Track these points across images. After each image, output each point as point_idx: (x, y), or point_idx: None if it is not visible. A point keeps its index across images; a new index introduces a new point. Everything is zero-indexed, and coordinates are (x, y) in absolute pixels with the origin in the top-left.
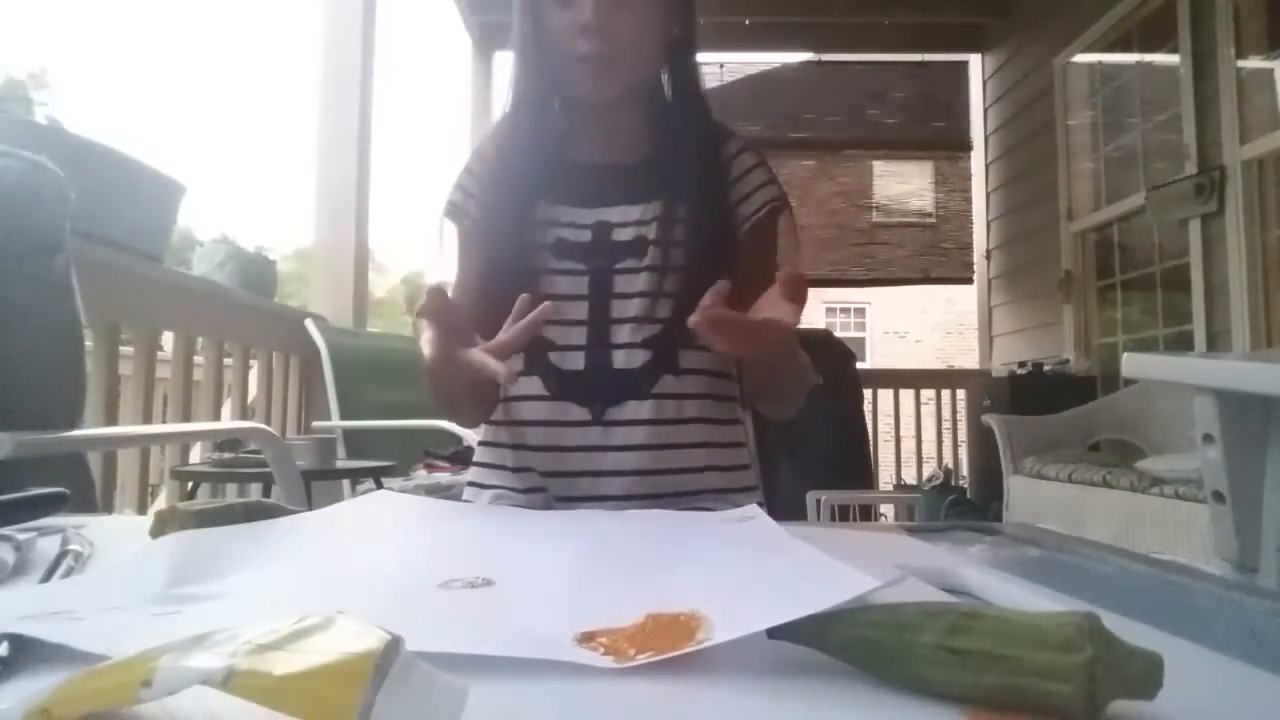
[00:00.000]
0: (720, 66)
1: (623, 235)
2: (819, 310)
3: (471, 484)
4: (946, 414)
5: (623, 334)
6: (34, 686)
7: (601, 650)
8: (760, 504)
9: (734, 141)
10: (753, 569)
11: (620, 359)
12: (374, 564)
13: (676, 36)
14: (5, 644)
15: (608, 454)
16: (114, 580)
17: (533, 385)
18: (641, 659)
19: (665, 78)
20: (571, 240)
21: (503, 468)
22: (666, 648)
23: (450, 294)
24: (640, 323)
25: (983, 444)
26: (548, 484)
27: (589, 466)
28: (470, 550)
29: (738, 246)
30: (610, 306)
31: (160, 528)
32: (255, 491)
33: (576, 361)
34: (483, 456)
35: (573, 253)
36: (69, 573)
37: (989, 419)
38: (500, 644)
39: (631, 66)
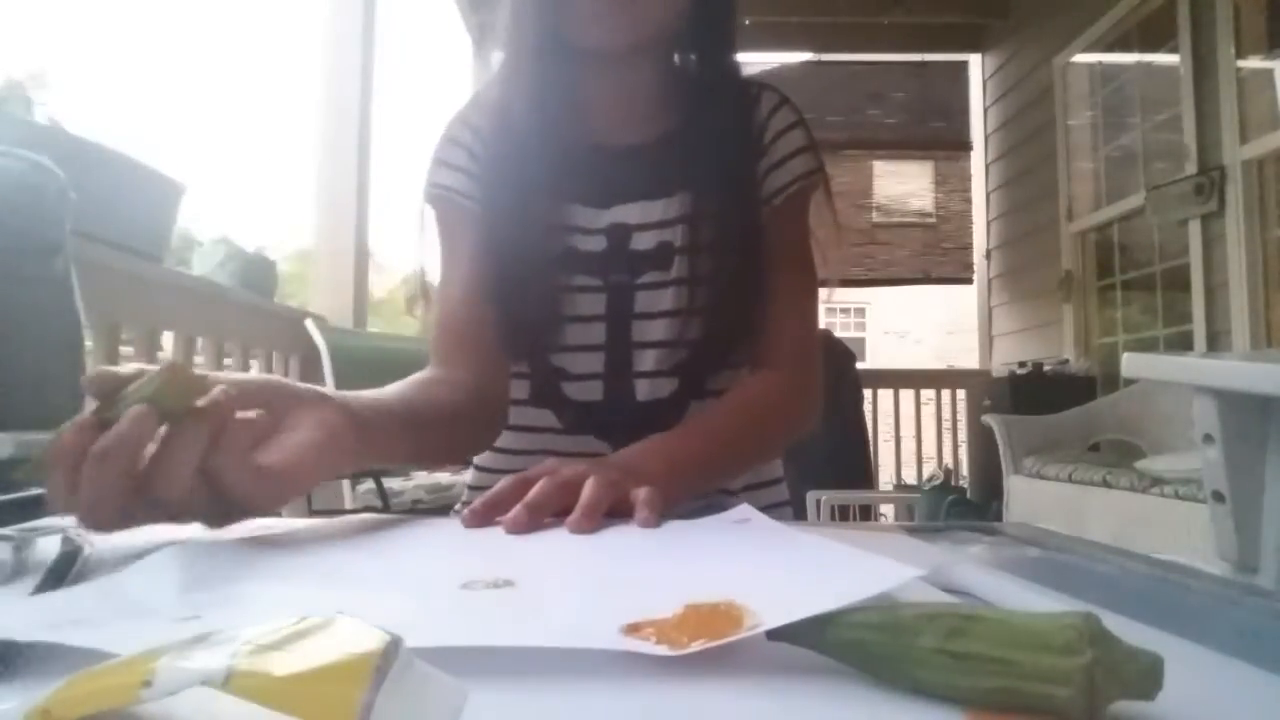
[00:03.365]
0: None
1: (643, 242)
2: (819, 310)
3: (472, 488)
4: (946, 414)
5: (646, 360)
6: (34, 687)
7: (654, 639)
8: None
9: (766, 97)
10: (775, 562)
11: (644, 389)
12: (391, 567)
13: None
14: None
15: None
16: (129, 586)
17: (544, 417)
18: (697, 645)
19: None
20: (584, 250)
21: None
22: (719, 634)
23: (441, 292)
24: (666, 347)
25: (983, 444)
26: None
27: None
28: (483, 553)
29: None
30: (631, 328)
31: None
32: None
33: (594, 392)
34: (485, 465)
35: (586, 265)
36: (69, 573)
37: (989, 419)
38: (546, 636)
39: (649, 6)
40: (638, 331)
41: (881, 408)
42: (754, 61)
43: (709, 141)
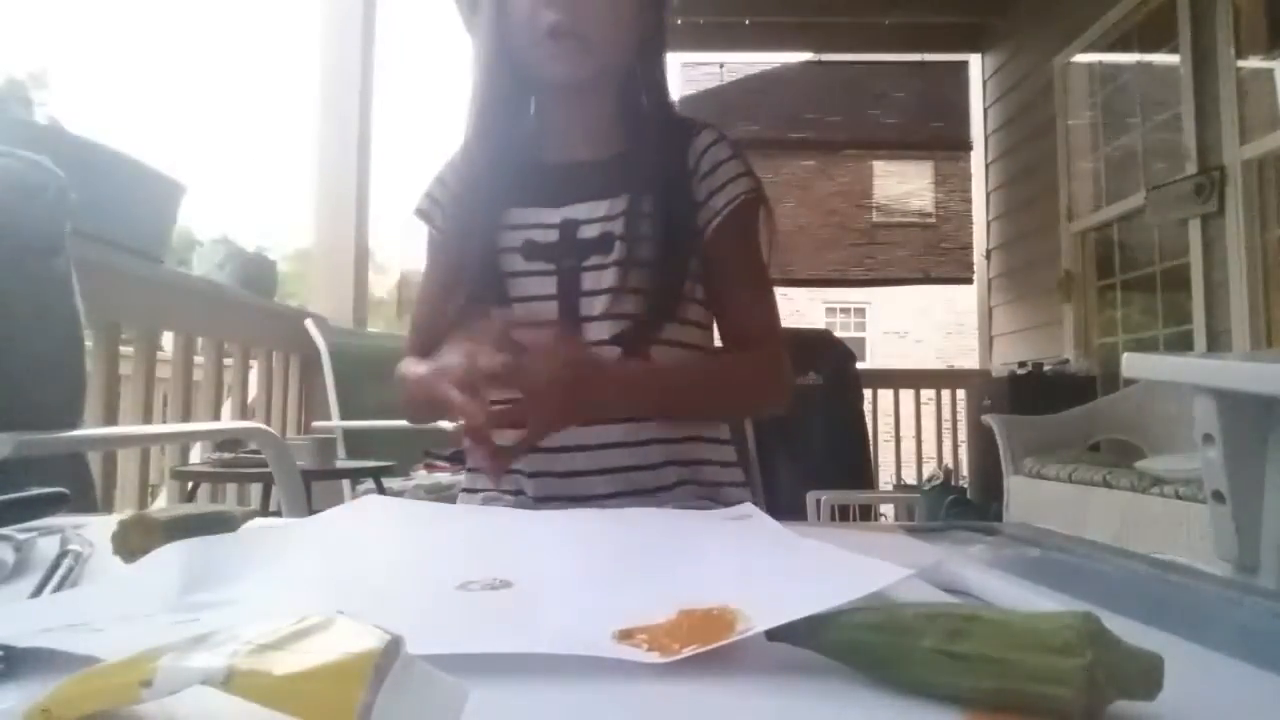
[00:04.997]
0: (720, 66)
1: (589, 232)
2: (819, 310)
3: (465, 490)
4: (946, 414)
5: (593, 332)
6: (34, 687)
7: (645, 646)
8: (757, 501)
9: (707, 134)
10: (769, 564)
11: None
12: (389, 567)
13: (648, 31)
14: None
15: (585, 453)
16: (128, 590)
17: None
18: (687, 652)
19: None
20: (540, 241)
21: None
22: (710, 639)
23: (421, 295)
24: (609, 319)
25: (983, 444)
26: (528, 485)
27: (569, 466)
28: (480, 552)
29: (706, 241)
30: (579, 305)
31: (126, 540)
32: (255, 492)
33: None
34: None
35: (541, 254)
36: (69, 573)
37: (989, 419)
38: (540, 642)
39: (603, 47)
40: (585, 307)
41: (881, 408)
42: (754, 61)
43: (650, 159)
